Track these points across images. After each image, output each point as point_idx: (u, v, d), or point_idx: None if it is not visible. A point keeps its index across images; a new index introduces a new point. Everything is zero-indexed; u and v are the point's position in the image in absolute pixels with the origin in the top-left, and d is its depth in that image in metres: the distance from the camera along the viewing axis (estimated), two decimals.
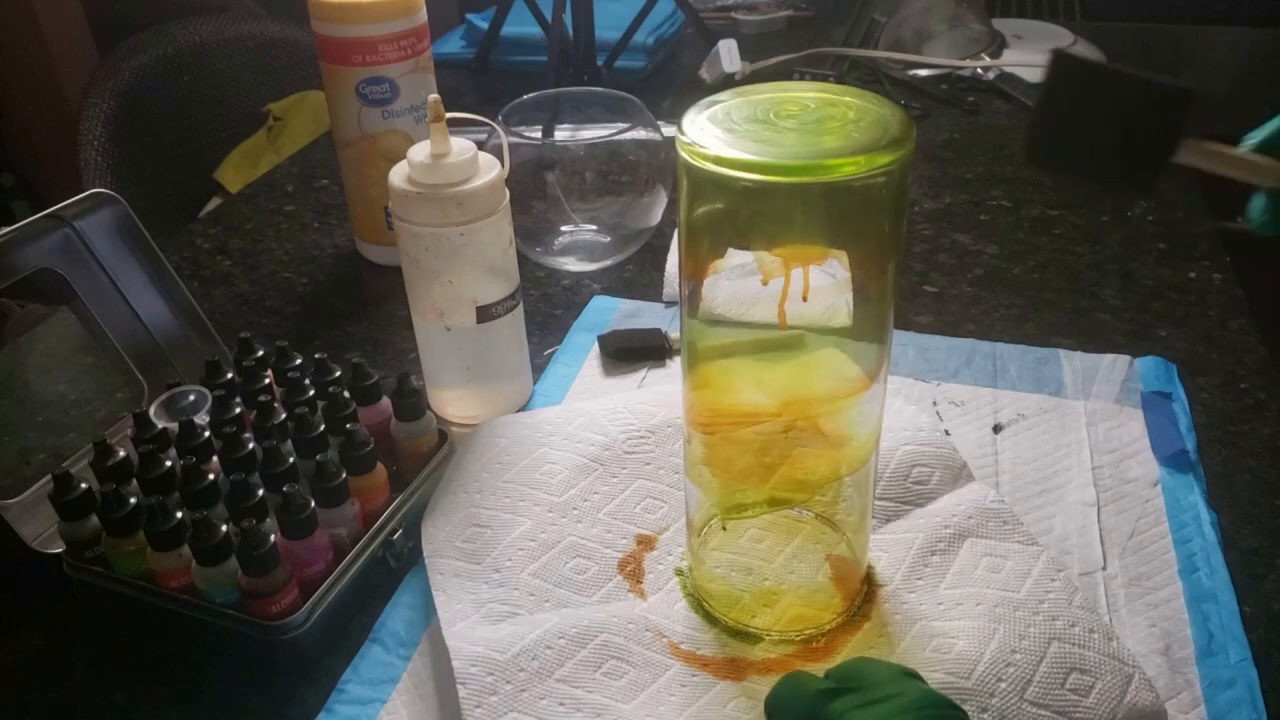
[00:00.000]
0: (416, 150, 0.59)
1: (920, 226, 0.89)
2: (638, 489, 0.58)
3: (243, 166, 1.39)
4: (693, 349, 0.46)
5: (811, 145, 0.38)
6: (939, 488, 0.56)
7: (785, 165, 0.37)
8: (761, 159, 0.37)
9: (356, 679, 0.49)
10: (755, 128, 0.39)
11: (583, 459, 0.59)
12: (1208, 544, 0.54)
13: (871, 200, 0.39)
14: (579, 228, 0.84)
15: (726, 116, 0.40)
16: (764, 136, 0.39)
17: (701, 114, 0.41)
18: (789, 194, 0.38)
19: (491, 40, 1.28)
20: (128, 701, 0.49)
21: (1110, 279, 0.80)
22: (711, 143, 0.38)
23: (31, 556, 0.54)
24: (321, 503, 0.52)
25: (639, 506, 0.57)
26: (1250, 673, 0.47)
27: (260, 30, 1.49)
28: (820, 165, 0.37)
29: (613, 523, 0.56)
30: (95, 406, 0.65)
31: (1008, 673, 0.45)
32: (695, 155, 0.38)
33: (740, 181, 0.37)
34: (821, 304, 0.42)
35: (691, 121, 0.40)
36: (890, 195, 0.39)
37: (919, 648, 0.47)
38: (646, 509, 0.57)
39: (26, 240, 0.60)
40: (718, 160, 0.38)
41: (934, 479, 0.56)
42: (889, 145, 0.38)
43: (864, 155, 0.37)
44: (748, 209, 0.40)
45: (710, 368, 0.46)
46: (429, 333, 0.64)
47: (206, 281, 0.86)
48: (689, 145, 0.39)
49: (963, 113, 1.14)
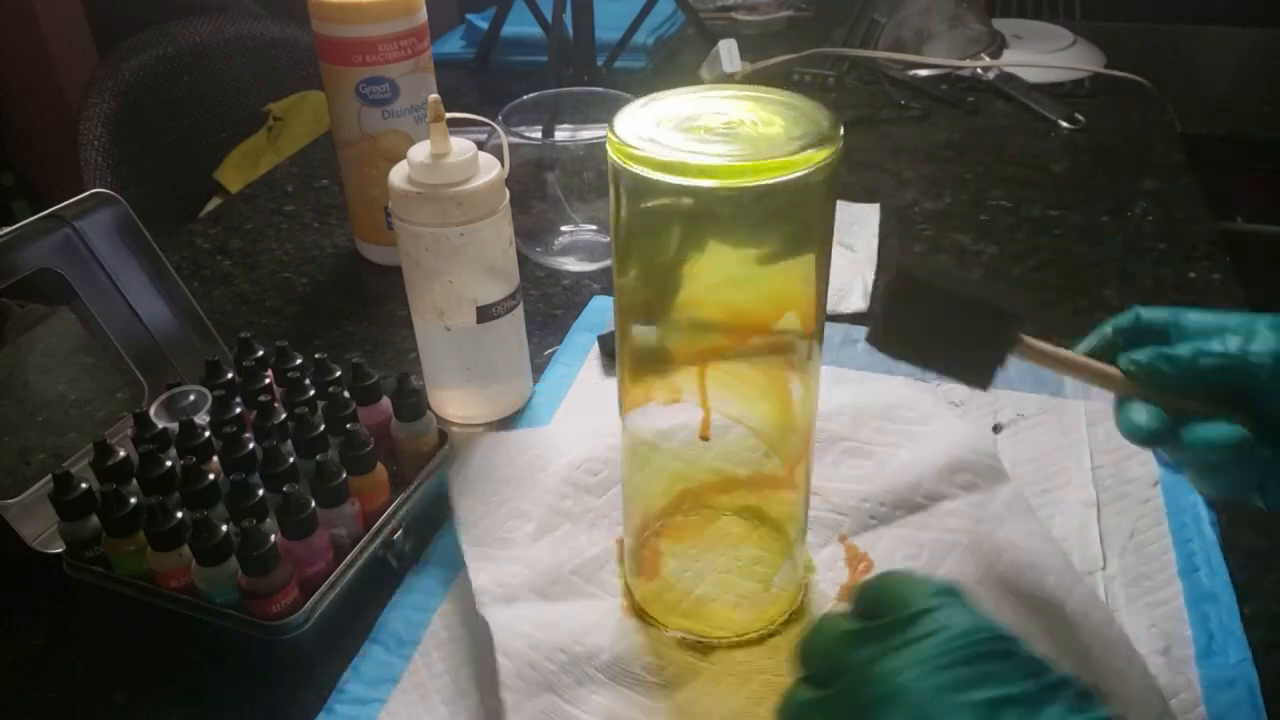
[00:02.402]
0: (416, 150, 0.59)
1: (920, 226, 0.89)
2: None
3: (243, 166, 1.39)
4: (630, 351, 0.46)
5: (744, 148, 0.38)
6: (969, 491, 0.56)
7: (717, 168, 0.37)
8: (694, 162, 0.37)
9: (356, 679, 0.49)
10: (685, 133, 0.39)
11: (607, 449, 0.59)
12: (1208, 544, 0.54)
13: (804, 201, 0.39)
14: (579, 228, 0.84)
15: (655, 122, 0.40)
16: (693, 141, 0.38)
17: (633, 118, 0.40)
18: (722, 198, 0.38)
19: (491, 40, 1.28)
20: (128, 701, 0.49)
21: (1110, 279, 0.80)
22: (645, 146, 0.38)
23: (31, 556, 0.54)
24: (321, 503, 0.52)
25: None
26: (1250, 673, 0.47)
27: (260, 30, 1.49)
28: (752, 168, 0.37)
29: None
30: (95, 406, 0.65)
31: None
32: (628, 159, 0.38)
33: (673, 187, 0.37)
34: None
35: (624, 124, 0.40)
36: (820, 196, 0.39)
37: None
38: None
39: (26, 240, 0.60)
40: (648, 163, 0.37)
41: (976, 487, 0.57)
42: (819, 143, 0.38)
43: (796, 156, 0.37)
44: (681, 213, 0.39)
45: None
46: (429, 333, 0.64)
47: (206, 281, 0.86)
48: (621, 147, 0.38)
49: (963, 113, 1.14)
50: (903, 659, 0.30)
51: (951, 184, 0.97)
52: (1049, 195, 0.94)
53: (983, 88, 1.19)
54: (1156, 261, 0.82)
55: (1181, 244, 0.84)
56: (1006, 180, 0.97)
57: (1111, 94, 1.16)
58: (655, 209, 0.40)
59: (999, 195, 0.95)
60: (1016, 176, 0.98)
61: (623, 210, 0.41)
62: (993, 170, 1.00)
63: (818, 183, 0.38)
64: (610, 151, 0.39)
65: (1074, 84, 1.18)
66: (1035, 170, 1.00)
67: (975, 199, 0.94)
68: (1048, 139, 1.07)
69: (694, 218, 0.40)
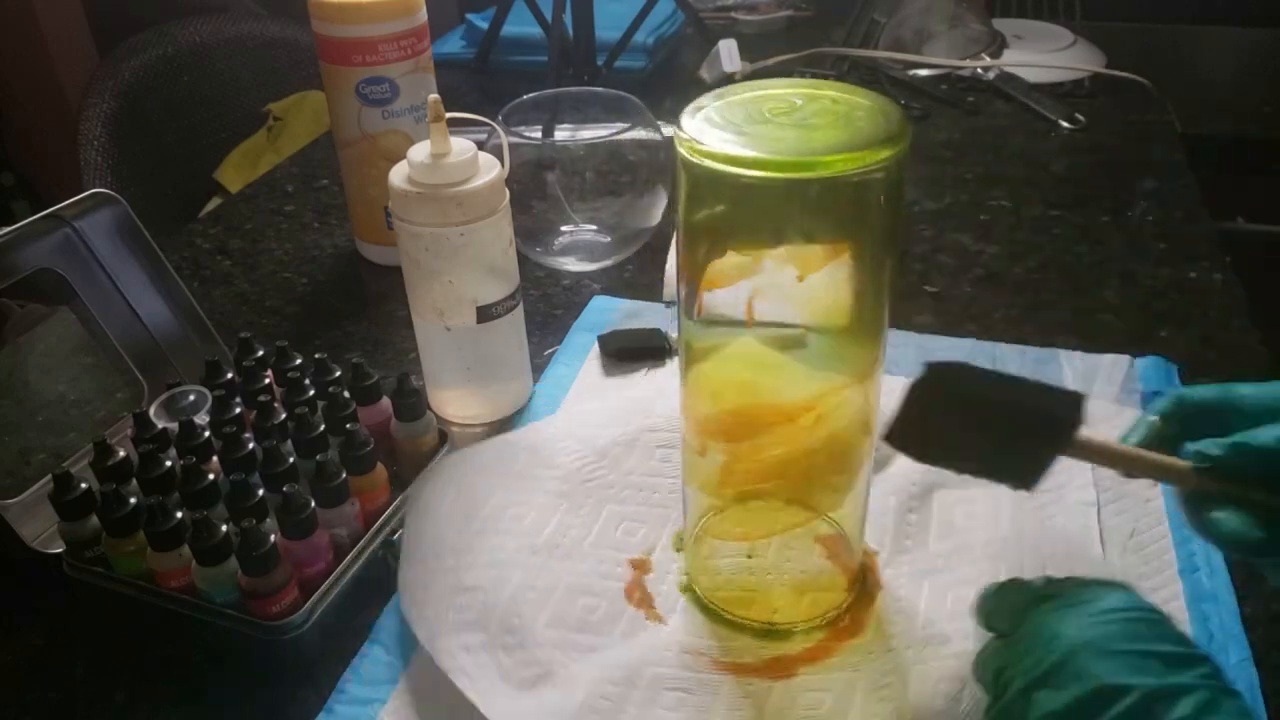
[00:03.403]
0: (416, 150, 0.59)
1: (920, 226, 0.89)
2: (609, 515, 0.57)
3: (243, 166, 1.39)
4: (690, 350, 0.46)
5: (807, 141, 0.38)
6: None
7: (781, 161, 0.37)
8: (759, 155, 0.37)
9: (356, 679, 0.49)
10: (752, 126, 0.39)
11: (545, 496, 0.57)
12: (1208, 544, 0.53)
13: (868, 196, 0.39)
14: (579, 228, 0.84)
15: (721, 116, 0.40)
16: (760, 133, 0.39)
17: (697, 113, 0.41)
18: (785, 190, 0.38)
19: (491, 40, 1.28)
20: (128, 701, 0.49)
21: (1110, 279, 0.80)
22: (711, 140, 0.38)
23: (31, 556, 0.54)
24: (321, 503, 0.52)
25: (618, 531, 0.56)
26: (1250, 673, 0.47)
27: (260, 30, 1.49)
28: (817, 161, 0.37)
29: (600, 553, 0.55)
30: (95, 406, 0.65)
31: None
32: (694, 152, 0.38)
33: (740, 178, 0.37)
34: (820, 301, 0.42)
35: (689, 119, 0.40)
36: (887, 191, 0.39)
37: (939, 603, 0.49)
38: (626, 532, 0.56)
39: (26, 240, 0.60)
40: (716, 156, 0.38)
41: None
42: (886, 141, 0.38)
43: (860, 151, 0.37)
44: (746, 206, 0.40)
45: (710, 368, 0.46)
46: (429, 333, 0.64)
47: (206, 281, 0.86)
48: (688, 141, 0.39)
49: (963, 113, 1.14)
50: (1077, 614, 0.37)
51: (951, 184, 0.97)
52: (1049, 195, 0.94)
53: (983, 88, 1.19)
54: (1156, 261, 0.82)
55: (1181, 244, 0.84)
56: (1006, 180, 0.97)
57: (1112, 94, 1.16)
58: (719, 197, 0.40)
59: (999, 195, 0.94)
60: (1016, 176, 0.98)
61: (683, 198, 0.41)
62: (993, 170, 1.00)
63: (877, 180, 0.38)
64: (676, 145, 0.40)
65: (1074, 84, 1.18)
66: (1035, 170, 0.99)
67: (975, 199, 0.94)
68: (1048, 139, 1.07)
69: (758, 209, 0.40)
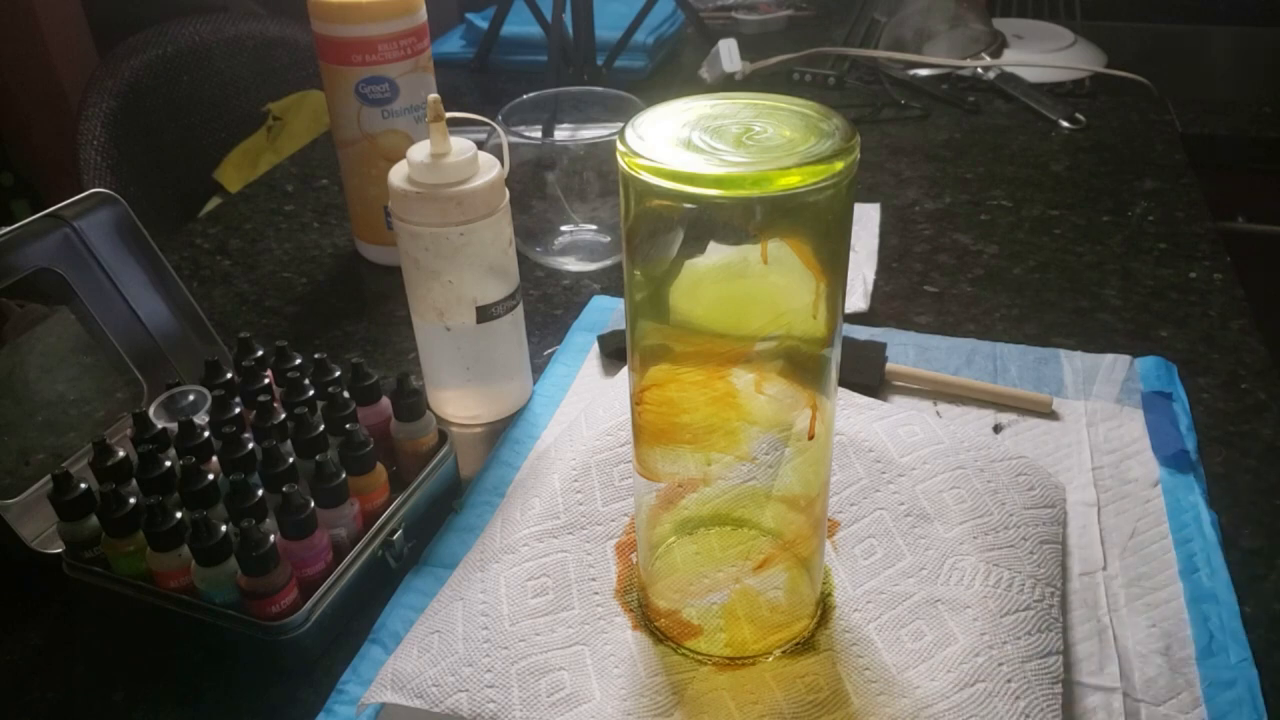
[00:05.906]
0: (416, 150, 0.59)
1: (920, 226, 0.89)
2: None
3: (242, 166, 1.39)
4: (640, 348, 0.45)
5: (756, 157, 0.37)
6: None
7: (729, 178, 0.36)
8: (704, 172, 0.36)
9: (356, 679, 0.49)
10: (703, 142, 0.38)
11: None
12: (1208, 544, 0.54)
13: (819, 207, 0.38)
14: (579, 228, 0.84)
15: (670, 129, 0.39)
16: (708, 149, 0.38)
17: (643, 126, 0.39)
18: (732, 208, 0.37)
19: (491, 40, 1.28)
20: (128, 701, 0.49)
21: (1111, 279, 0.80)
22: (657, 154, 0.37)
23: (31, 556, 0.54)
24: (321, 503, 0.52)
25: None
26: (1250, 673, 0.47)
27: (260, 30, 1.49)
28: (764, 177, 0.36)
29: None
30: (95, 406, 0.65)
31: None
32: (636, 167, 0.37)
33: (683, 195, 0.36)
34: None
35: (633, 133, 0.39)
36: (837, 207, 0.38)
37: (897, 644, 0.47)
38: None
39: (26, 240, 0.60)
40: (659, 173, 0.37)
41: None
42: (835, 154, 0.37)
43: (810, 166, 0.36)
44: (691, 221, 0.39)
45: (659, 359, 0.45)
46: (429, 333, 0.64)
47: (206, 281, 0.86)
48: (629, 156, 0.38)
49: (963, 113, 1.14)
50: None
51: (952, 184, 0.97)
52: (1049, 195, 0.94)
53: (983, 87, 1.19)
54: (1157, 261, 0.82)
55: (1182, 244, 0.84)
56: (1007, 180, 0.97)
57: (1112, 94, 1.16)
58: (661, 214, 0.39)
59: (999, 195, 0.94)
60: (1017, 176, 0.98)
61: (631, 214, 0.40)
62: (993, 170, 1.00)
63: (826, 195, 0.37)
64: (619, 159, 0.39)
65: (1074, 84, 1.18)
66: (1035, 170, 0.99)
67: (975, 199, 0.94)
68: (1048, 139, 1.07)
69: (698, 224, 0.39)
